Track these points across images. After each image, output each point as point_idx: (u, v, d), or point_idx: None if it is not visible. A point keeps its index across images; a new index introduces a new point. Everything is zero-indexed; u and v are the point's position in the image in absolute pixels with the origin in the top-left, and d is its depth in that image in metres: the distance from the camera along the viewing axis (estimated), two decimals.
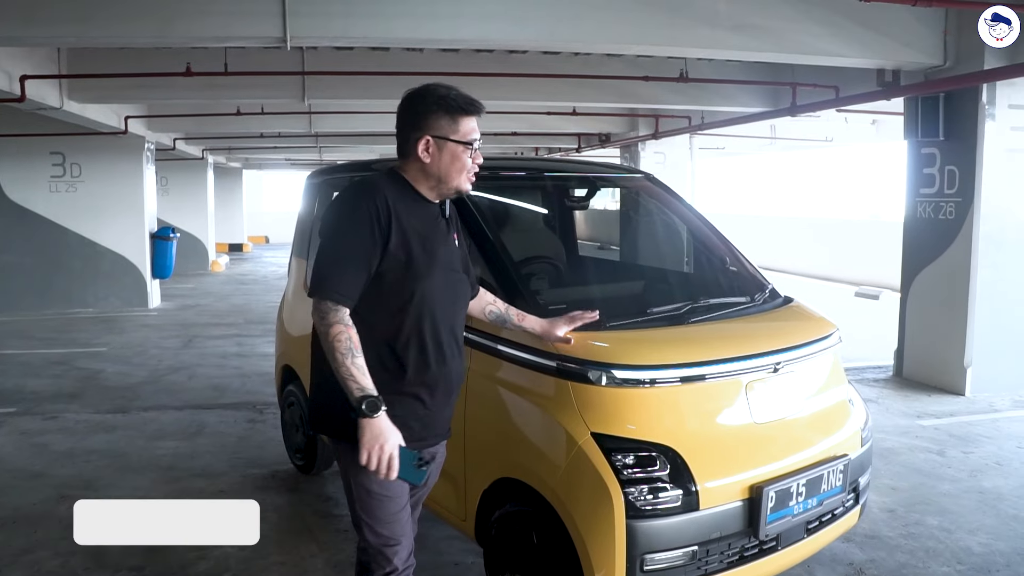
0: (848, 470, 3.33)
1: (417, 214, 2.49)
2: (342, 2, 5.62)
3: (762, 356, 3.22)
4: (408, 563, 2.57)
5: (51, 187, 12.33)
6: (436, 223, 2.57)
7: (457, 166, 2.50)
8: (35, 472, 5.25)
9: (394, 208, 2.41)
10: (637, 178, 4.83)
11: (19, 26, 5.57)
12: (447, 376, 2.56)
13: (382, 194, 2.42)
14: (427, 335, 2.48)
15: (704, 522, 2.91)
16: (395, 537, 2.52)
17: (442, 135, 2.48)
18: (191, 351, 9.32)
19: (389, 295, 2.44)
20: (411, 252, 2.42)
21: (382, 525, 2.51)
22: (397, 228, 2.40)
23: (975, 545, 4.18)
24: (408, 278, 2.43)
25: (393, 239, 2.39)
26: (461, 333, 2.67)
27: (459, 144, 2.49)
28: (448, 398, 2.62)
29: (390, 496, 2.49)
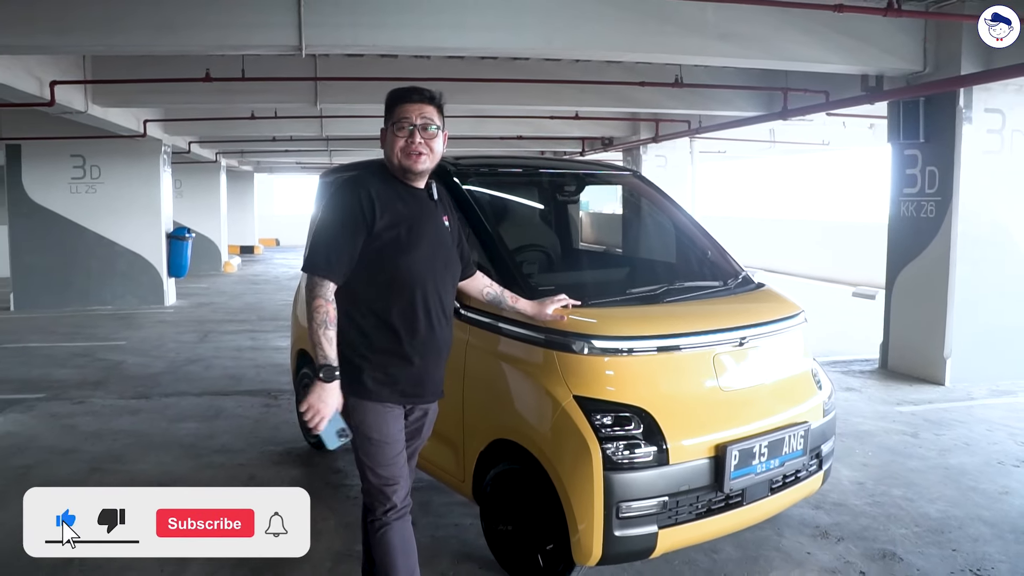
0: (808, 436, 3.70)
1: (402, 199, 2.89)
2: (352, 13, 6.02)
3: (728, 331, 3.61)
4: (405, 502, 2.96)
5: (71, 188, 12.78)
6: (423, 205, 2.96)
7: (395, 147, 2.87)
8: (67, 449, 5.65)
9: (378, 197, 2.82)
10: (626, 176, 5.21)
11: (53, 36, 6.00)
12: (434, 341, 2.95)
13: (366, 187, 2.83)
14: (417, 303, 2.88)
15: (674, 476, 3.29)
16: (393, 478, 2.91)
17: (385, 124, 2.92)
18: (207, 345, 9.72)
19: (381, 270, 2.84)
20: (398, 232, 2.82)
21: (382, 467, 2.89)
22: (382, 213, 2.80)
23: (933, 511, 4.54)
24: (396, 254, 2.83)
25: (379, 223, 2.79)
26: (450, 303, 3.05)
27: (392, 127, 2.89)
28: (437, 360, 3.01)
29: (388, 443, 2.89)
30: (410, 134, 2.86)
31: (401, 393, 2.88)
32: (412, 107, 2.88)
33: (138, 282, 13.11)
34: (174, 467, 5.25)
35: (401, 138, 2.87)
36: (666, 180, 14.89)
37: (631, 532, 3.25)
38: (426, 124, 2.88)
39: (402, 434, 2.95)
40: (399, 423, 2.93)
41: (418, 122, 2.87)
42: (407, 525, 2.97)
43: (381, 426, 2.84)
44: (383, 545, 2.92)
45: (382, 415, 2.86)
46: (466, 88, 9.27)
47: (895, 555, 3.99)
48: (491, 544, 3.77)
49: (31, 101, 7.83)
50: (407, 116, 2.87)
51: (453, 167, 4.20)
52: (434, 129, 2.90)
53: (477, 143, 15.56)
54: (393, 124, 2.89)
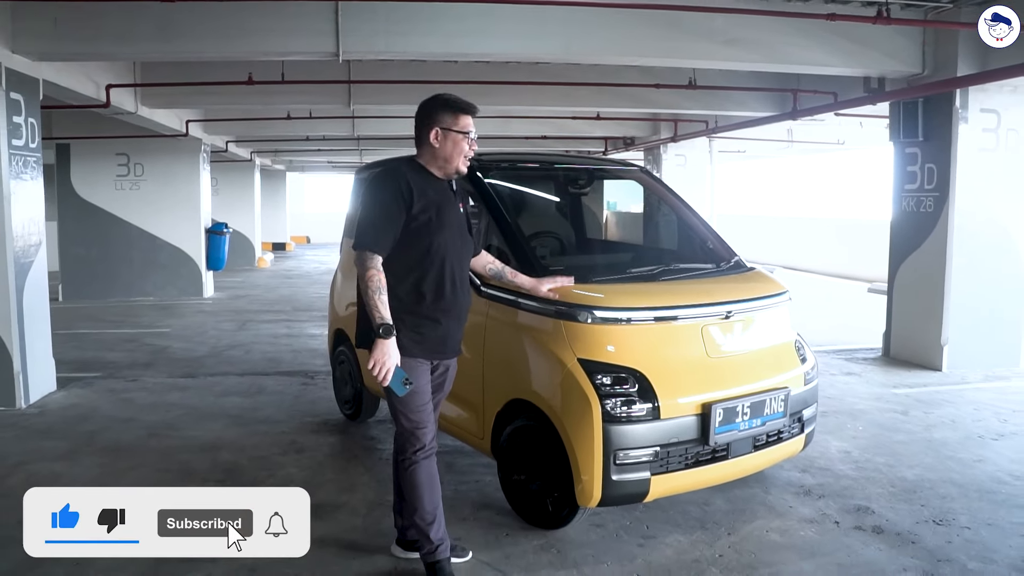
0: (788, 400, 4.18)
1: (432, 187, 3.44)
2: (386, 22, 6.56)
3: (716, 305, 4.11)
4: (432, 444, 3.49)
5: (116, 185, 13.45)
6: (446, 194, 3.50)
7: (457, 150, 3.42)
8: (126, 418, 6.25)
9: (414, 184, 3.37)
10: (633, 171, 5.70)
11: (115, 44, 6.63)
12: (457, 305, 3.50)
13: (404, 175, 3.39)
14: (444, 274, 3.42)
15: (664, 429, 3.79)
16: (422, 422, 3.45)
17: (447, 127, 3.42)
18: (246, 332, 10.32)
19: (416, 246, 3.38)
20: (430, 215, 3.36)
21: (413, 413, 3.44)
22: (418, 198, 3.35)
23: (910, 475, 4.99)
24: (429, 233, 3.38)
25: (416, 206, 3.34)
26: (467, 274, 3.59)
27: (459, 134, 3.41)
28: (459, 322, 3.55)
29: (418, 392, 3.42)
30: (469, 143, 3.43)
31: (430, 350, 3.45)
32: (471, 120, 3.46)
33: (178, 274, 13.76)
34: (223, 433, 5.82)
35: (462, 142, 3.42)
36: (685, 179, 15.43)
37: (627, 477, 3.74)
38: (474, 134, 3.46)
39: (429, 386, 3.49)
40: (427, 376, 3.48)
41: (472, 132, 3.44)
42: (433, 464, 3.50)
43: (415, 378, 3.37)
44: (412, 480, 3.46)
45: (414, 368, 3.39)
46: (491, 90, 9.79)
47: (868, 509, 4.45)
48: (507, 493, 4.28)
49: (89, 103, 8.47)
50: (471, 128, 3.45)
51: (476, 162, 4.70)
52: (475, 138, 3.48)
53: (503, 143, 16.08)
54: (451, 130, 3.41)
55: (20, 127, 6.48)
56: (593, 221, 6.02)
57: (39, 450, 5.41)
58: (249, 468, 5.06)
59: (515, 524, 4.17)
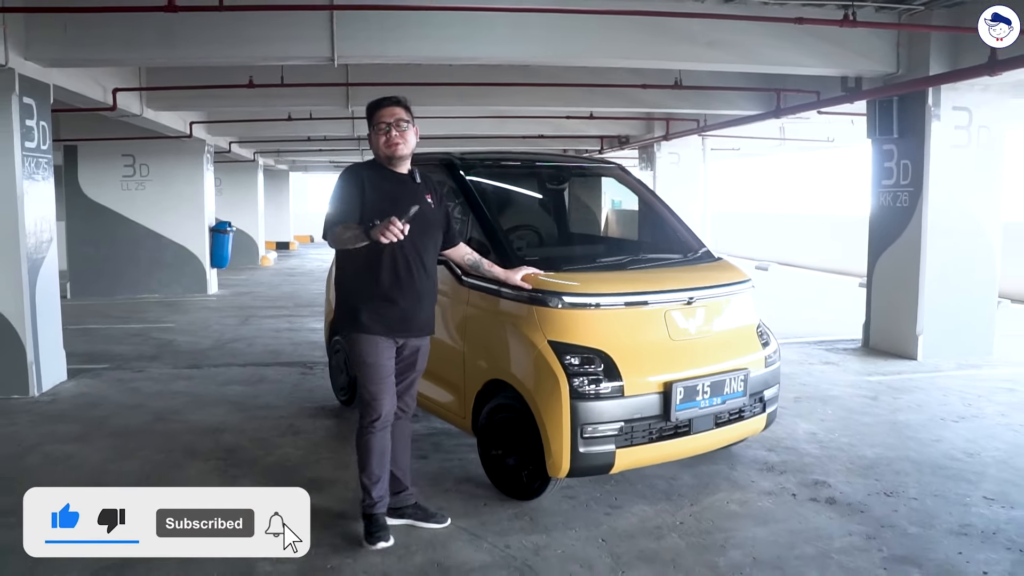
0: (748, 380, 4.50)
1: (387, 181, 3.83)
2: (379, 28, 6.88)
3: (678, 291, 4.43)
4: (387, 417, 3.85)
5: (122, 185, 13.80)
6: (405, 186, 3.86)
7: (380, 142, 3.81)
8: (134, 404, 6.59)
9: (368, 180, 3.77)
10: (611, 168, 6.02)
11: (121, 51, 6.97)
12: (414, 288, 3.82)
13: (358, 173, 3.80)
14: (398, 259, 3.77)
15: (628, 405, 4.11)
16: (380, 394, 3.80)
17: (371, 126, 3.85)
18: (248, 327, 10.67)
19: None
20: (383, 205, 3.67)
21: (372, 385, 3.81)
22: (370, 192, 3.74)
23: (870, 453, 5.31)
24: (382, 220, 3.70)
25: (368, 198, 3.72)
26: (429, 260, 3.90)
27: (377, 128, 3.80)
28: (418, 304, 3.86)
29: (377, 366, 3.80)
30: (387, 131, 3.79)
31: (390, 329, 3.82)
32: (385, 111, 3.83)
33: (183, 272, 14.11)
34: (226, 418, 6.15)
35: (382, 135, 3.80)
36: (679, 176, 15.75)
37: (593, 449, 4.07)
38: (398, 121, 3.81)
39: (391, 362, 3.85)
40: (388, 353, 3.84)
41: (391, 121, 3.80)
42: (387, 436, 3.88)
43: (373, 353, 3.78)
44: (365, 446, 3.86)
45: (374, 344, 3.79)
46: (486, 91, 10.12)
47: (826, 483, 4.76)
48: (486, 467, 4.61)
49: (96, 106, 8.82)
50: (383, 119, 3.81)
51: (459, 160, 5.07)
52: (404, 125, 3.82)
53: (500, 142, 16.39)
54: (374, 127, 3.83)
55: (32, 130, 6.83)
56: (577, 216, 6.33)
57: (53, 433, 5.76)
58: (249, 448, 5.40)
59: (493, 496, 4.49)
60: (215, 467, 5.03)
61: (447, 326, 4.83)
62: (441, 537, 3.97)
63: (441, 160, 5.12)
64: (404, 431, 4.09)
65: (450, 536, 3.98)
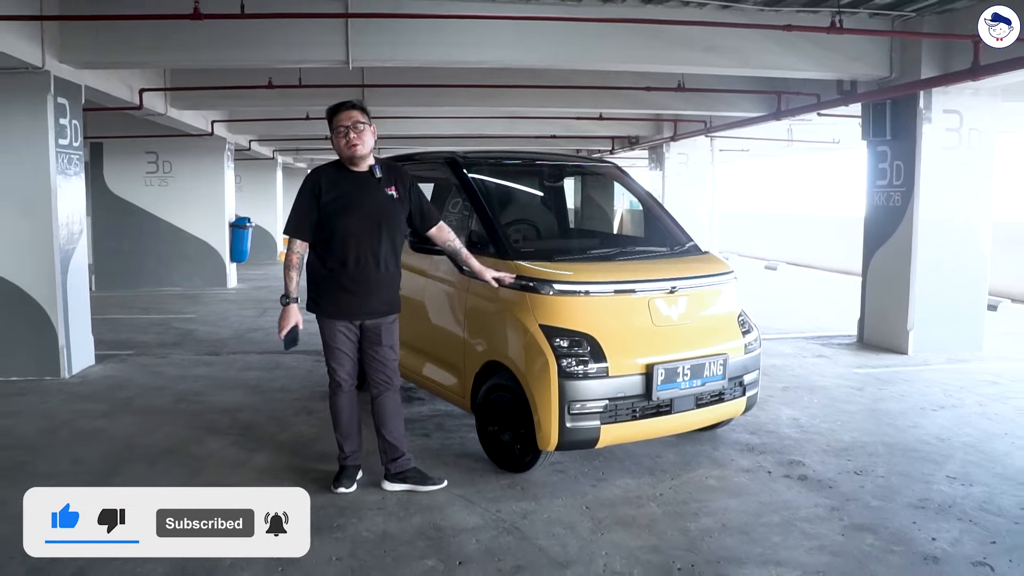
0: (727, 365, 4.83)
1: (346, 179, 4.27)
2: (391, 34, 7.26)
3: (662, 281, 4.78)
4: (349, 383, 4.47)
5: (146, 182, 14.32)
6: (363, 183, 4.28)
7: (340, 143, 4.22)
8: (158, 386, 7.01)
9: (326, 180, 4.25)
10: (608, 167, 6.38)
11: (148, 54, 7.41)
12: (366, 279, 4.26)
13: (316, 176, 4.32)
14: (349, 252, 4.23)
15: (612, 385, 4.46)
16: (337, 367, 4.44)
17: (331, 128, 4.26)
18: (266, 318, 11.08)
19: (327, 228, 4.23)
20: (339, 204, 4.18)
21: (332, 360, 4.44)
22: (327, 191, 4.22)
23: (847, 438, 5.63)
24: (337, 217, 4.20)
25: (324, 197, 4.19)
26: (386, 252, 4.30)
27: (336, 131, 4.21)
28: (371, 291, 4.29)
29: (335, 345, 4.40)
30: (345, 133, 4.20)
31: (345, 313, 4.32)
32: (343, 115, 4.25)
33: (203, 266, 14.60)
34: (244, 400, 6.56)
35: (341, 137, 4.21)
36: (688, 177, 16.10)
37: (580, 425, 4.42)
38: (355, 123, 4.22)
39: (347, 343, 4.40)
40: (346, 332, 4.38)
41: (349, 124, 4.21)
42: (350, 398, 4.52)
43: (330, 334, 4.38)
44: (333, 408, 4.55)
45: (332, 326, 4.36)
46: (495, 93, 10.49)
47: (801, 463, 5.09)
48: (483, 443, 4.97)
49: (124, 105, 9.27)
50: (341, 123, 4.24)
51: (462, 159, 5.44)
52: (361, 127, 4.23)
53: (513, 142, 16.75)
54: (334, 130, 4.26)
55: (65, 128, 7.26)
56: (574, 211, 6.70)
57: (83, 410, 6.19)
58: (265, 425, 5.80)
59: (489, 469, 4.86)
60: (233, 441, 5.43)
61: (449, 313, 5.21)
62: (438, 502, 4.34)
63: (446, 158, 5.50)
64: (393, 402, 4.52)
65: (447, 501, 4.36)
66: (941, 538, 3.97)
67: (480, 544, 3.84)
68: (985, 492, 4.59)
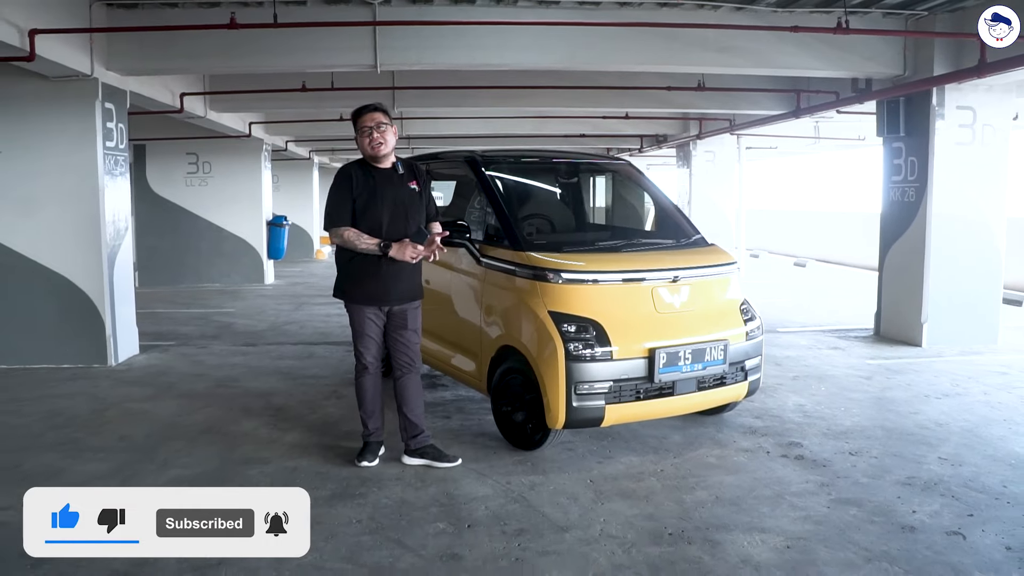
0: (727, 350, 5.12)
1: (371, 176, 4.63)
2: (416, 38, 7.63)
3: (665, 271, 5.08)
4: (375, 365, 4.80)
5: (186, 181, 14.87)
6: (388, 178, 4.64)
7: (364, 143, 4.59)
8: (198, 373, 7.45)
9: (355, 176, 4.59)
10: (621, 164, 6.68)
11: (188, 60, 7.89)
12: (392, 267, 4.58)
13: (348, 171, 4.64)
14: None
15: (617, 367, 4.78)
16: (365, 349, 4.77)
17: (356, 129, 4.62)
18: (301, 312, 11.55)
19: (360, 219, 4.56)
20: (367, 198, 4.55)
21: (359, 342, 4.78)
22: (357, 185, 4.57)
23: (848, 422, 5.87)
24: (366, 210, 4.56)
25: (355, 191, 4.54)
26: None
27: (361, 131, 4.59)
28: (394, 280, 4.62)
29: (361, 328, 4.74)
30: (369, 134, 4.58)
31: (374, 299, 4.67)
32: (367, 117, 4.62)
33: (242, 263, 15.12)
34: (277, 385, 6.97)
35: (366, 137, 4.60)
36: (715, 174, 16.33)
37: (586, 404, 4.74)
38: (379, 124, 4.60)
39: (374, 327, 4.74)
40: (372, 318, 4.72)
41: (373, 124, 4.58)
42: (375, 379, 4.85)
43: (358, 320, 4.74)
44: (358, 387, 4.91)
45: (362, 313, 4.71)
46: (520, 94, 10.83)
47: (800, 444, 5.36)
48: (498, 423, 5.31)
49: (165, 109, 9.77)
50: (366, 124, 4.61)
51: (480, 158, 5.79)
52: (384, 127, 4.60)
53: (542, 141, 17.08)
54: (359, 131, 4.63)
55: (112, 131, 7.74)
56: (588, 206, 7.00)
57: (129, 394, 6.64)
58: (296, 408, 6.19)
59: (503, 447, 5.20)
60: (267, 422, 5.83)
61: (468, 301, 5.56)
62: (453, 475, 4.69)
63: (465, 157, 5.85)
64: (414, 383, 4.87)
65: (461, 474, 4.70)
66: (921, 511, 4.23)
67: (488, 511, 4.18)
68: (973, 472, 4.82)
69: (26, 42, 6.24)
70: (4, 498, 4.22)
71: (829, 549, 3.77)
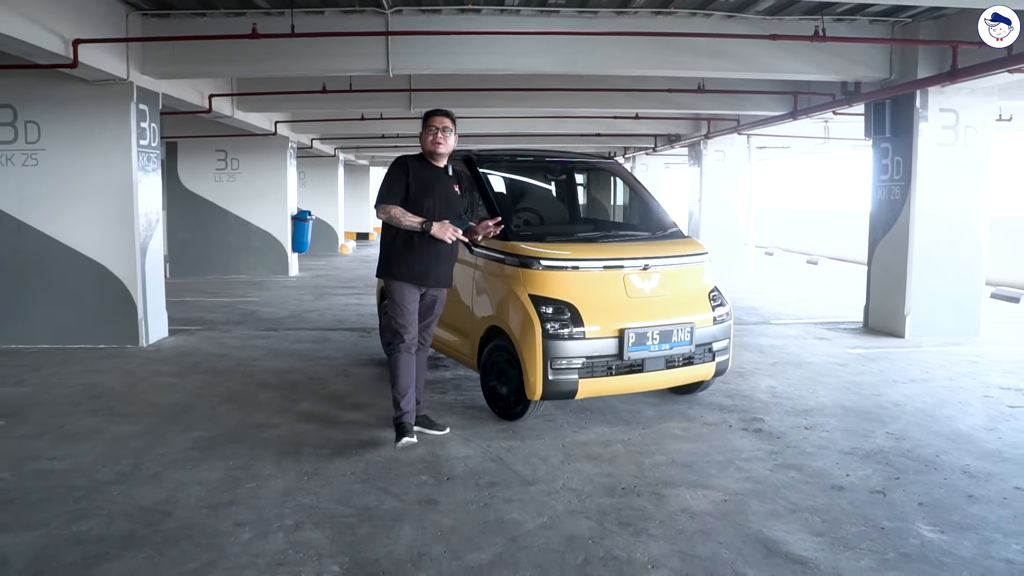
0: (694, 332, 5.64)
1: (427, 170, 5.13)
2: (426, 45, 8.22)
3: (637, 259, 5.62)
4: (411, 342, 5.14)
5: (215, 177, 15.63)
6: (439, 176, 5.17)
7: (427, 140, 5.11)
8: (221, 354, 8.10)
9: (411, 167, 5.07)
10: (610, 163, 7.22)
11: (219, 65, 8.60)
12: (436, 251, 5.10)
13: (404, 162, 5.10)
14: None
15: (589, 345, 5.32)
16: (406, 325, 5.12)
17: (423, 127, 5.15)
18: (321, 302, 12.19)
19: (410, 204, 5.04)
20: (420, 187, 5.03)
21: (400, 317, 5.12)
22: (413, 175, 5.05)
23: (812, 402, 6.36)
24: (418, 198, 5.04)
25: (410, 179, 5.03)
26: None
27: (427, 130, 5.11)
28: (437, 261, 5.13)
29: (404, 305, 5.11)
30: (435, 134, 5.10)
31: (415, 278, 5.11)
32: (437, 119, 5.14)
33: (267, 255, 15.86)
34: (294, 365, 7.60)
35: (431, 135, 5.12)
36: (725, 173, 16.78)
37: (561, 378, 5.29)
38: (444, 128, 5.12)
39: (415, 304, 5.15)
40: (413, 296, 5.13)
41: (440, 127, 5.11)
42: (411, 357, 5.16)
43: (401, 295, 5.09)
44: (395, 363, 5.15)
45: (403, 288, 5.10)
46: (530, 95, 11.39)
47: (761, 419, 5.86)
48: (485, 396, 5.89)
49: (195, 109, 10.46)
50: (434, 124, 5.13)
51: (475, 156, 6.36)
52: (448, 132, 5.13)
53: (556, 140, 17.63)
54: (426, 128, 5.13)
55: (145, 130, 8.42)
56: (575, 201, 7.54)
57: (159, 371, 7.30)
58: (309, 384, 6.81)
59: (489, 417, 5.77)
60: (281, 395, 6.45)
61: (463, 286, 6.13)
62: (441, 439, 5.27)
63: (463, 156, 6.41)
64: (422, 361, 5.41)
65: (448, 439, 5.28)
66: (854, 475, 4.73)
67: (467, 467, 4.76)
68: (913, 444, 5.31)
69: (70, 51, 6.91)
70: (52, 451, 4.91)
71: (761, 502, 4.29)
